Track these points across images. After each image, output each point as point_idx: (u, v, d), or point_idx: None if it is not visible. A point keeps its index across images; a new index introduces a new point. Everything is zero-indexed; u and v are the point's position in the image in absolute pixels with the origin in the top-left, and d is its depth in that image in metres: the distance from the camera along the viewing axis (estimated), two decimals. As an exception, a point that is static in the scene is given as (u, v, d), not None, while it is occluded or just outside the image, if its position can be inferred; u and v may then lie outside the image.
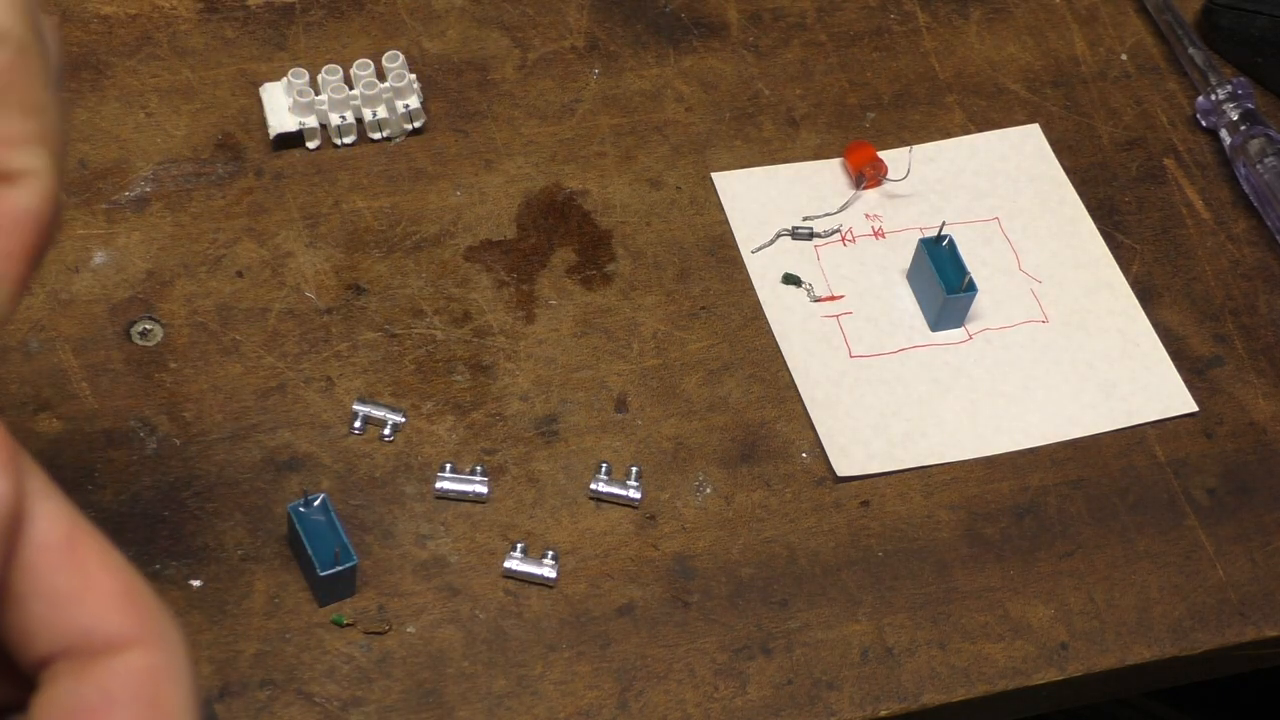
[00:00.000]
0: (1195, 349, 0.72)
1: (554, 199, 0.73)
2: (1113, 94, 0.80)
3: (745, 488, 0.65)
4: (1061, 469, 0.67)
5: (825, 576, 0.63)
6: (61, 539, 0.30)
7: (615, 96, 0.77)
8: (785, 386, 0.68)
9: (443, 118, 0.75)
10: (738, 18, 0.81)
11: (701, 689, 0.60)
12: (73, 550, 0.30)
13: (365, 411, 0.65)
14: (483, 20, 0.79)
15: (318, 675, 0.58)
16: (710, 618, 0.62)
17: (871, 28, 0.81)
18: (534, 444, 0.65)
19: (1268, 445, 0.69)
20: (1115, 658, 0.62)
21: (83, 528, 0.30)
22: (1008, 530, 0.65)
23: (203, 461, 0.63)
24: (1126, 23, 0.83)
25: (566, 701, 0.59)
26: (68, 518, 0.30)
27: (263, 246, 0.69)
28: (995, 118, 0.79)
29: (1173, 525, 0.66)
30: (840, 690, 0.60)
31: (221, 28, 0.77)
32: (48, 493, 0.31)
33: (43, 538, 0.30)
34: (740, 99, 0.78)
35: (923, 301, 0.71)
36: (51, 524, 0.30)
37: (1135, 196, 0.77)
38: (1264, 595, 0.64)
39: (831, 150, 0.76)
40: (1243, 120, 0.77)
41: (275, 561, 0.61)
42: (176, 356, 0.66)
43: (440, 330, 0.68)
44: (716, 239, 0.73)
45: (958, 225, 0.74)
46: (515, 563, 0.61)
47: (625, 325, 0.69)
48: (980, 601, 0.63)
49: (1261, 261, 0.75)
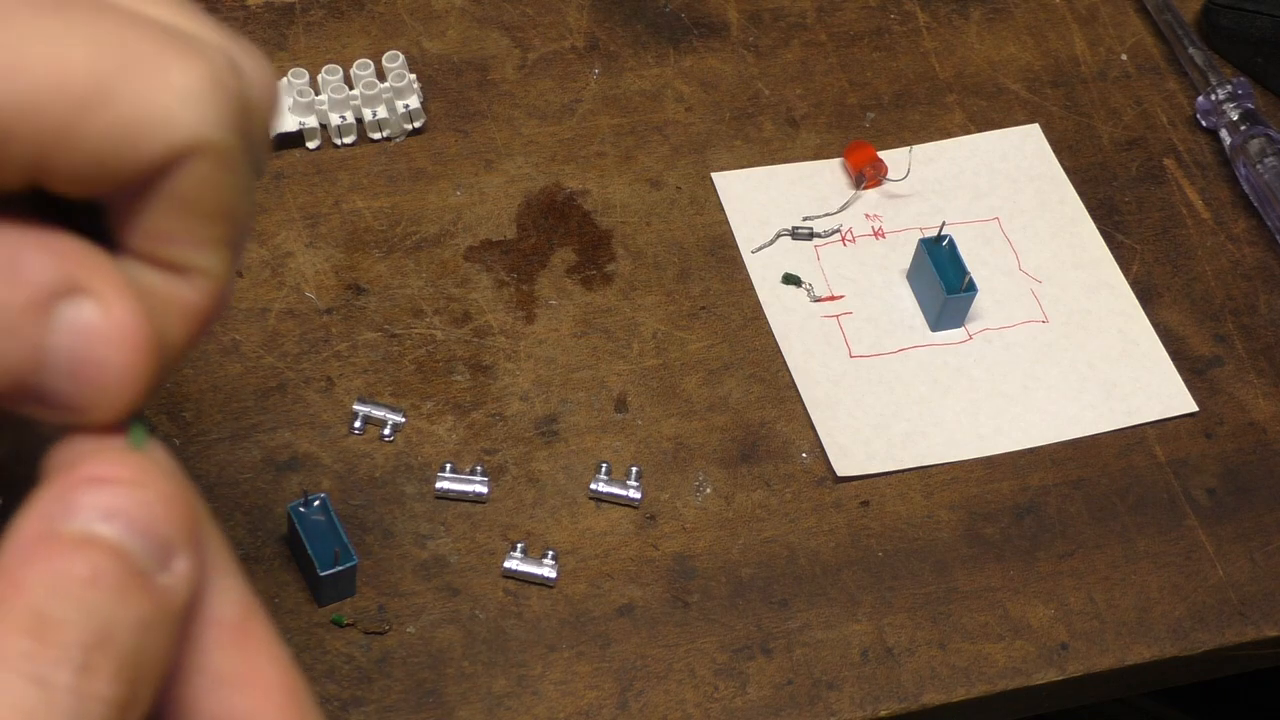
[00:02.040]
0: (1195, 349, 0.72)
1: (554, 199, 0.73)
2: (1113, 94, 0.80)
3: (745, 488, 0.65)
4: (1061, 469, 0.67)
5: (825, 576, 0.63)
6: (236, 620, 0.30)
7: (615, 96, 0.77)
8: (785, 386, 0.68)
9: (443, 118, 0.75)
10: (738, 18, 0.81)
11: (701, 689, 0.60)
12: (244, 634, 0.30)
13: (365, 411, 0.65)
14: (483, 20, 0.79)
15: (318, 675, 0.58)
16: (710, 618, 0.62)
17: (871, 28, 0.81)
18: (534, 444, 0.65)
19: (1268, 445, 0.69)
20: (1115, 658, 0.62)
21: (257, 614, 0.30)
22: (1008, 530, 0.65)
23: (203, 461, 0.63)
24: (1126, 23, 0.83)
25: (566, 701, 0.59)
26: (244, 599, 0.30)
27: (263, 246, 0.69)
28: (995, 118, 0.79)
29: (1173, 525, 0.66)
30: (840, 690, 0.60)
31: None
32: (229, 569, 0.30)
33: (217, 615, 0.29)
34: (740, 99, 0.78)
35: (923, 301, 0.71)
36: (228, 603, 0.30)
37: (1135, 196, 0.77)
38: (1264, 595, 0.64)
39: (831, 150, 0.76)
40: (1243, 120, 0.77)
41: (275, 561, 0.61)
42: (176, 356, 0.66)
43: (440, 330, 0.68)
44: (716, 239, 0.73)
45: (958, 225, 0.74)
46: (515, 563, 0.61)
47: (625, 325, 0.69)
48: (980, 601, 0.63)
49: (1261, 261, 0.75)
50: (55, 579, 0.27)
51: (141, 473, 0.29)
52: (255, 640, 0.30)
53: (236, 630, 0.30)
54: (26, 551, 0.27)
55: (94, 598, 0.27)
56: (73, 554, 0.27)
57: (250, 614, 0.30)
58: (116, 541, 0.28)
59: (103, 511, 0.28)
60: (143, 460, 0.29)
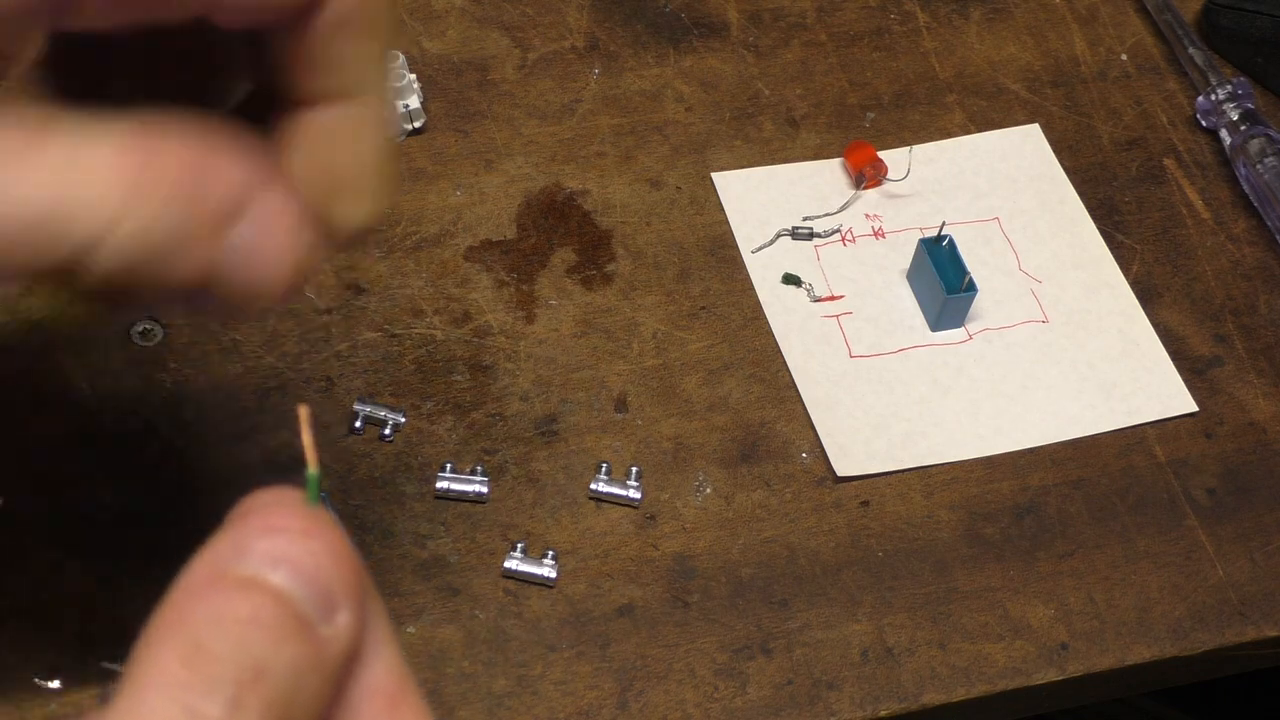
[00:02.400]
0: (1195, 349, 0.72)
1: (554, 199, 0.73)
2: (1113, 94, 0.80)
3: (745, 488, 0.65)
4: (1061, 469, 0.67)
5: (825, 576, 0.63)
6: (391, 690, 0.30)
7: (615, 96, 0.77)
8: (785, 386, 0.68)
9: (443, 118, 0.75)
10: (738, 18, 0.81)
11: (701, 689, 0.60)
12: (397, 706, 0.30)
13: (365, 411, 0.65)
14: (483, 20, 0.79)
15: (318, 675, 0.58)
16: (710, 618, 0.62)
17: (871, 28, 0.81)
18: (534, 444, 0.65)
19: (1268, 445, 0.69)
20: (1115, 658, 0.62)
21: (411, 687, 0.31)
22: (1008, 530, 0.65)
23: (203, 461, 0.63)
24: (1126, 23, 0.83)
25: (566, 701, 0.59)
26: (400, 672, 0.31)
27: (263, 246, 0.69)
28: (995, 118, 0.79)
29: (1173, 525, 0.66)
30: (840, 690, 0.60)
31: (221, 28, 0.77)
32: (388, 640, 0.31)
33: (374, 682, 0.30)
34: (740, 99, 0.78)
35: (923, 301, 0.71)
36: (385, 673, 0.30)
37: (1135, 196, 0.77)
38: (1264, 595, 0.64)
39: (831, 150, 0.76)
40: (1243, 120, 0.77)
41: (275, 561, 0.61)
42: (176, 356, 0.66)
43: (440, 330, 0.68)
44: (716, 239, 0.73)
45: (958, 225, 0.74)
46: (515, 563, 0.61)
47: (625, 325, 0.69)
48: (980, 601, 0.63)
49: (1261, 261, 0.75)
50: (217, 615, 0.28)
51: (313, 525, 0.30)
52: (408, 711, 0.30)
53: (390, 701, 0.30)
54: (195, 589, 0.28)
55: (251, 636, 0.27)
56: (237, 594, 0.28)
57: (405, 685, 0.31)
58: (281, 586, 0.28)
59: (272, 558, 0.29)
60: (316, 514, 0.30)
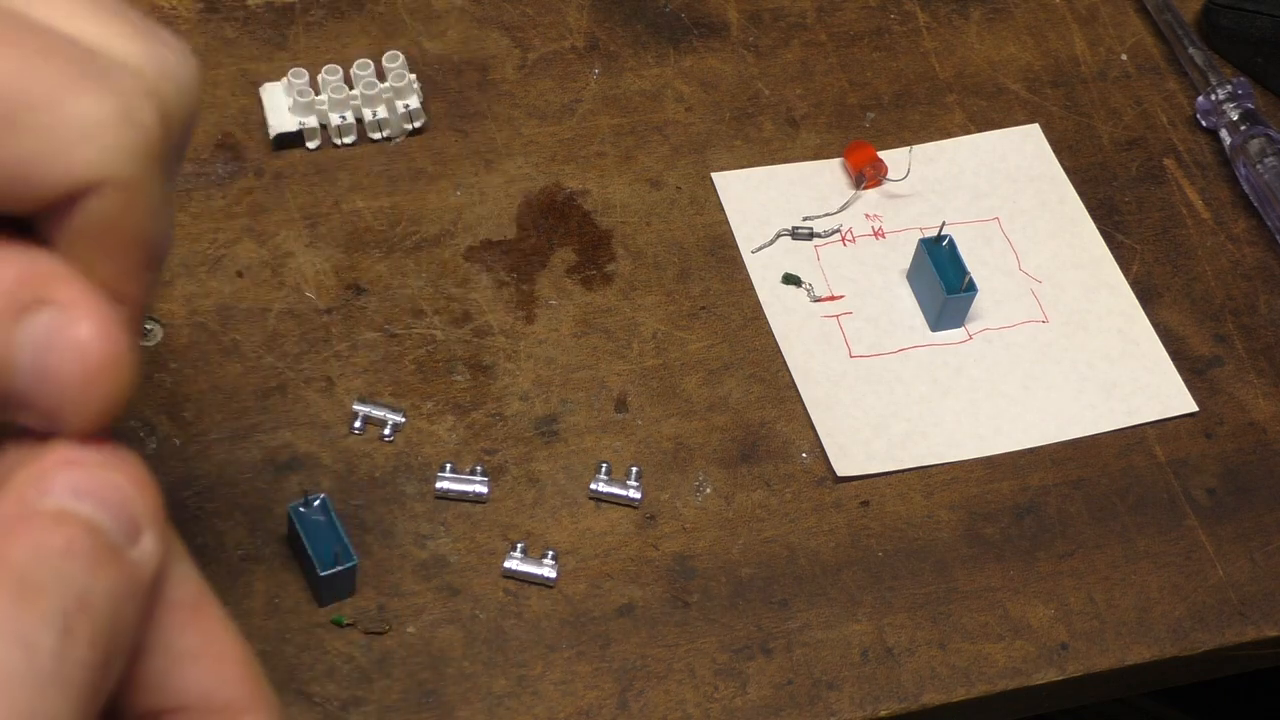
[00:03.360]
0: (1195, 349, 0.72)
1: (554, 199, 0.73)
2: (1113, 94, 0.80)
3: (745, 488, 0.65)
4: (1061, 469, 0.67)
5: (825, 576, 0.63)
6: (190, 600, 0.31)
7: (615, 96, 0.77)
8: (785, 386, 0.68)
9: (443, 118, 0.75)
10: (738, 18, 0.81)
11: (701, 689, 0.60)
12: (199, 613, 0.31)
13: (365, 411, 0.65)
14: (483, 20, 0.79)
15: (317, 675, 0.58)
16: (710, 618, 0.62)
17: (871, 28, 0.81)
18: (534, 444, 0.65)
19: (1268, 445, 0.69)
20: (1115, 658, 0.62)
21: (208, 594, 0.32)
22: (1008, 530, 0.65)
23: (202, 461, 0.63)
24: (1126, 23, 0.83)
25: (566, 701, 0.59)
26: (197, 582, 0.32)
27: (263, 246, 0.69)
28: (995, 118, 0.79)
29: (1173, 525, 0.66)
30: (840, 690, 0.60)
31: (221, 28, 0.77)
32: (181, 554, 0.32)
33: (173, 596, 0.31)
34: (740, 99, 0.78)
35: (923, 301, 0.71)
36: (182, 584, 0.31)
37: (1135, 196, 0.77)
38: (1264, 595, 0.64)
39: (831, 150, 0.76)
40: (1243, 120, 0.77)
41: (275, 561, 0.61)
42: (176, 356, 0.66)
43: (440, 330, 0.68)
44: (716, 239, 0.73)
45: (958, 225, 0.74)
46: (515, 563, 0.61)
47: (625, 325, 0.69)
48: (980, 601, 0.63)
49: (1261, 261, 0.75)
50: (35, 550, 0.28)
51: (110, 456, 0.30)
52: (210, 619, 0.31)
53: (192, 610, 0.31)
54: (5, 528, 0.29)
55: (71, 567, 0.28)
56: (50, 527, 0.29)
57: (203, 595, 0.32)
58: (89, 516, 0.29)
59: (75, 490, 0.29)
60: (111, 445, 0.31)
